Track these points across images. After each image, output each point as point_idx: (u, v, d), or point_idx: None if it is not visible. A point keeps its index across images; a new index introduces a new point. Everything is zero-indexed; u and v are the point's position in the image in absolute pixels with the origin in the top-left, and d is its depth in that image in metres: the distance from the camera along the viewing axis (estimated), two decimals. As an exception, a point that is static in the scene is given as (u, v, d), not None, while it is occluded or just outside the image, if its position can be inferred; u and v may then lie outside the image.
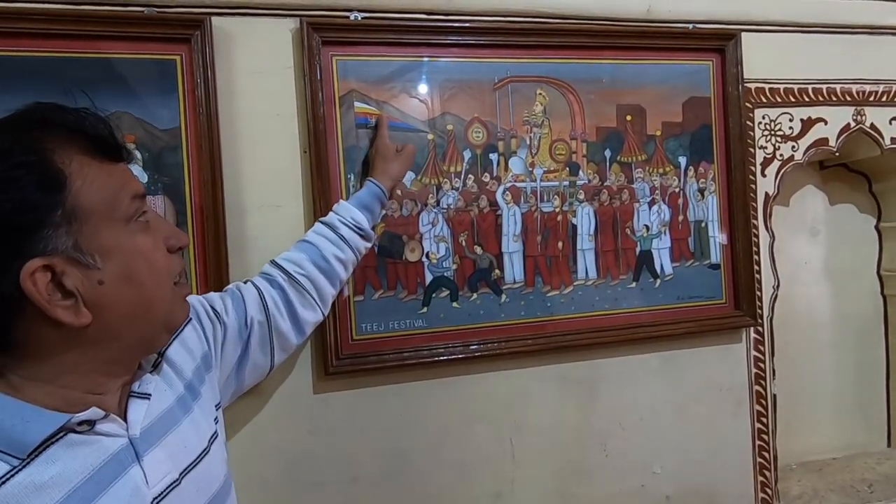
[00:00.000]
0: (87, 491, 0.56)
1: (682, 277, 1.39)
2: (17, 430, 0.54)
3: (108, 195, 0.57)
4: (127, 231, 0.58)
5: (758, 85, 1.44)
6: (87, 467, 0.57)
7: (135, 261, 0.58)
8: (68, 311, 0.55)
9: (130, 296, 0.58)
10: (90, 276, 0.56)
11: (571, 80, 1.31)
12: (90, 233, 0.56)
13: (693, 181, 1.40)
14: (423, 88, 1.23)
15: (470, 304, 1.27)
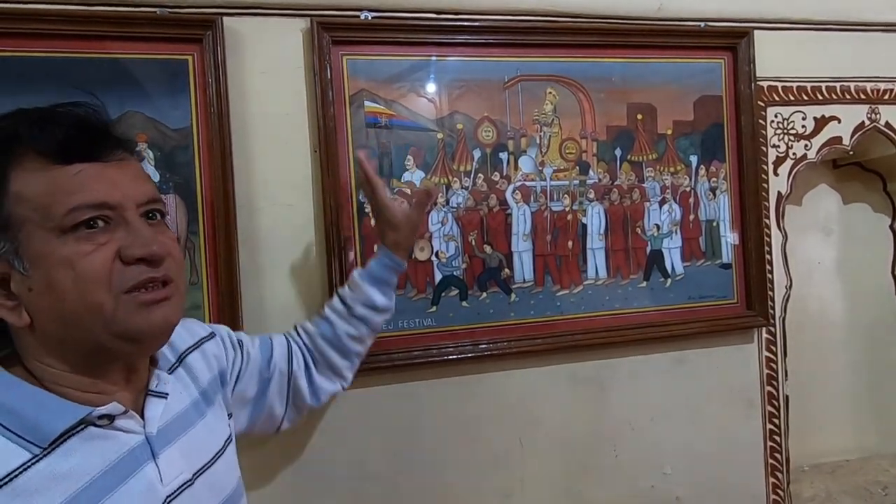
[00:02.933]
0: (104, 484, 0.57)
1: (693, 277, 1.38)
2: (40, 420, 0.55)
3: (44, 202, 0.55)
4: (56, 240, 0.55)
5: (770, 83, 1.43)
6: (105, 461, 0.58)
7: (59, 271, 0.55)
8: (11, 312, 0.56)
9: (53, 303, 0.56)
10: (23, 282, 0.56)
11: (581, 78, 1.31)
12: (24, 239, 0.55)
13: (704, 180, 1.39)
14: (432, 87, 1.23)
15: (479, 303, 1.27)
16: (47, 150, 0.56)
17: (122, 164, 0.61)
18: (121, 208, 0.58)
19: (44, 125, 0.57)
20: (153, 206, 0.62)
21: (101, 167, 0.58)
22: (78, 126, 0.59)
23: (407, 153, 1.22)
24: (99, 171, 0.58)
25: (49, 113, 0.59)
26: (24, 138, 0.56)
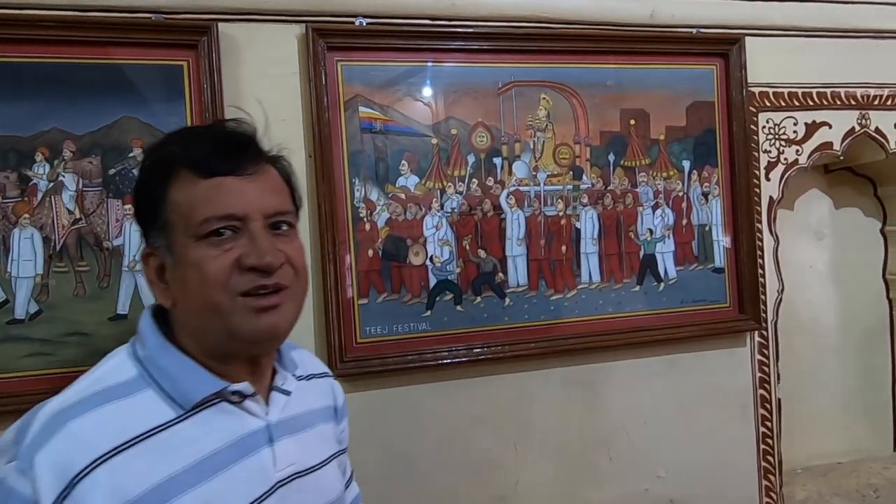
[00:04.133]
0: (226, 457, 0.64)
1: (686, 281, 1.39)
2: (187, 385, 0.63)
3: (188, 211, 0.64)
4: (192, 245, 0.63)
5: (762, 89, 1.44)
6: (231, 435, 0.65)
7: (190, 272, 0.63)
8: (162, 294, 0.66)
9: (186, 297, 0.65)
10: (171, 273, 0.65)
11: (575, 84, 1.32)
12: (173, 239, 0.64)
13: (697, 185, 1.40)
14: (427, 93, 1.24)
15: (474, 307, 1.27)
16: (193, 165, 0.64)
17: (257, 176, 0.66)
18: (247, 219, 0.64)
19: (193, 144, 0.66)
20: (279, 217, 0.67)
21: (236, 181, 0.65)
22: (220, 142, 0.66)
23: (402, 158, 1.23)
24: (233, 184, 0.64)
25: (201, 132, 0.70)
26: (178, 155, 0.65)
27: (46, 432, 0.57)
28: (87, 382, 0.63)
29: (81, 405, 0.59)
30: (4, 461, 0.56)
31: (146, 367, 0.64)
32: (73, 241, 1.10)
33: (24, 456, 0.55)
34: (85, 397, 0.60)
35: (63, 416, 0.58)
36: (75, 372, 1.05)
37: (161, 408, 0.62)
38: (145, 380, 0.63)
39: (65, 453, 0.56)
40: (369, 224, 1.22)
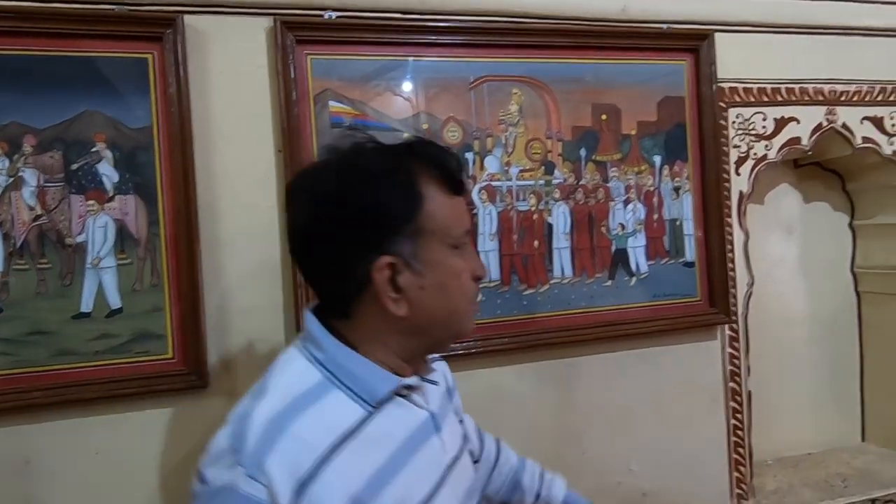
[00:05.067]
0: (409, 446, 0.69)
1: (658, 275, 1.40)
2: (373, 384, 0.68)
3: (447, 222, 0.69)
4: (451, 253, 0.70)
5: (731, 84, 1.46)
6: (409, 426, 0.71)
7: (451, 279, 0.70)
8: (394, 303, 0.67)
9: (439, 303, 0.69)
10: (415, 281, 0.67)
11: (547, 79, 1.32)
12: (426, 247, 0.68)
13: (668, 180, 1.41)
14: (398, 88, 1.24)
15: (446, 302, 1.27)
16: (446, 183, 0.70)
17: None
18: (469, 235, 0.74)
19: (443, 162, 0.71)
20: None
21: (462, 200, 0.73)
22: (458, 165, 0.73)
23: (372, 153, 1.22)
24: (462, 203, 0.73)
25: (438, 149, 0.73)
26: (433, 171, 0.69)
27: (270, 437, 0.59)
28: (280, 388, 0.65)
29: (293, 409, 0.63)
30: (225, 468, 0.58)
31: (329, 370, 0.67)
32: (34, 237, 1.07)
33: (252, 462, 0.57)
34: (291, 402, 0.63)
35: (282, 420, 0.61)
36: (40, 372, 1.06)
37: (352, 407, 0.66)
38: (331, 382, 0.67)
39: (293, 455, 0.59)
40: (340, 220, 1.20)
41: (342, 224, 0.67)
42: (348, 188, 0.67)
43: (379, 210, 0.66)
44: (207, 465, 0.60)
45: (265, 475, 0.56)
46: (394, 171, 0.68)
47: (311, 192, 0.70)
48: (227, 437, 0.61)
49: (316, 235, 0.69)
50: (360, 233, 0.66)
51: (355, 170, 0.68)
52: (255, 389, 0.67)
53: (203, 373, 1.12)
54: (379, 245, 0.66)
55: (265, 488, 0.56)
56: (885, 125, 1.59)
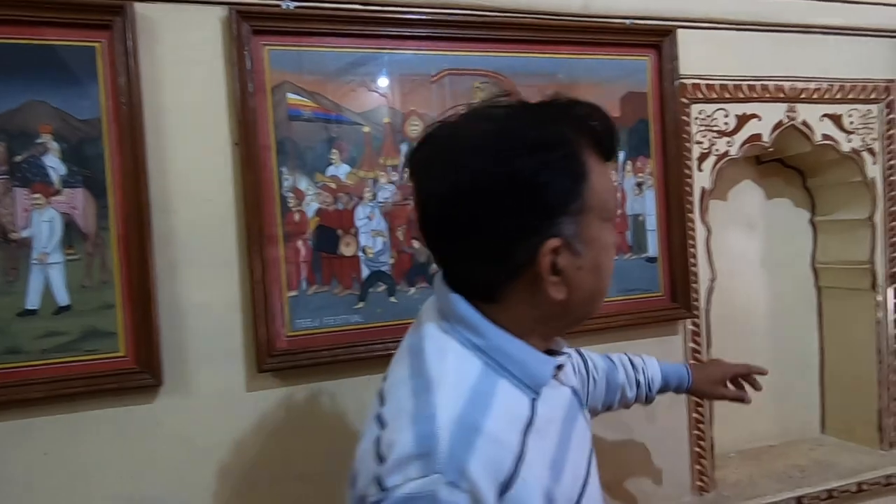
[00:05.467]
0: (566, 428, 0.68)
1: (621, 271, 1.41)
2: (536, 369, 0.64)
3: (605, 195, 0.63)
4: (605, 228, 0.64)
5: (694, 81, 1.47)
6: (563, 407, 0.70)
7: (605, 255, 0.65)
8: (554, 286, 0.62)
9: (592, 283, 0.64)
10: (574, 261, 0.62)
11: (510, 73, 1.31)
12: (586, 224, 0.62)
13: (631, 175, 1.41)
14: (359, 80, 1.22)
15: (408, 298, 1.26)
16: (602, 150, 0.64)
17: None
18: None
19: (601, 128, 0.63)
20: None
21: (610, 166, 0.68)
22: (613, 127, 0.66)
23: (332, 147, 1.20)
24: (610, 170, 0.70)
25: (601, 114, 0.64)
26: (591, 140, 0.63)
27: (465, 439, 0.54)
28: (450, 381, 0.60)
29: (477, 406, 0.58)
30: (416, 474, 0.52)
31: (491, 357, 0.62)
32: (-25, 232, 1.03)
33: (452, 467, 0.52)
34: (470, 396, 0.58)
35: (471, 419, 0.56)
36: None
37: (520, 395, 0.63)
38: (494, 370, 0.62)
39: (493, 457, 0.55)
40: (298, 214, 1.18)
41: (502, 203, 0.59)
42: (509, 161, 0.58)
43: (547, 188, 0.59)
44: (389, 472, 0.53)
45: (467, 481, 0.52)
46: (559, 141, 0.60)
47: (457, 163, 0.60)
48: (411, 441, 0.54)
49: (465, 214, 0.60)
50: (524, 213, 0.59)
51: (515, 139, 0.59)
52: (413, 382, 0.61)
53: (156, 371, 1.09)
54: (545, 227, 0.60)
55: (467, 495, 0.51)
56: (844, 123, 1.61)
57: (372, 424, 0.62)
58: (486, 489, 0.52)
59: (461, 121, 0.65)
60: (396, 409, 0.60)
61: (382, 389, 0.67)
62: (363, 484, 0.56)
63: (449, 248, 0.66)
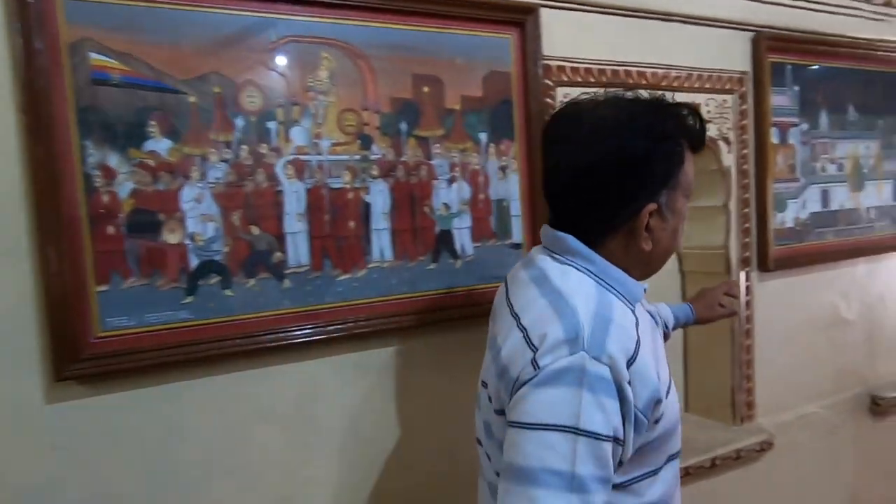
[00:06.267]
0: (654, 336, 0.89)
1: (484, 257, 1.35)
2: (633, 290, 0.84)
3: (691, 178, 0.85)
4: (685, 203, 0.86)
5: (559, 63, 1.43)
6: (649, 322, 0.91)
7: (681, 223, 0.86)
8: (644, 240, 0.82)
9: (669, 243, 0.86)
10: (661, 224, 0.83)
11: (361, 44, 1.20)
12: (674, 198, 0.83)
13: (494, 158, 1.36)
14: (182, 42, 1.06)
15: (247, 291, 1.13)
16: (694, 145, 0.85)
17: None
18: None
19: (699, 128, 0.85)
20: None
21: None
22: (705, 129, 0.88)
23: (149, 118, 1.04)
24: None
25: (699, 118, 0.86)
26: (689, 135, 0.84)
27: (602, 328, 0.73)
28: (580, 291, 0.78)
29: (605, 306, 0.77)
30: (566, 353, 0.70)
31: (601, 279, 0.81)
32: None
33: (595, 346, 0.71)
34: (599, 299, 0.78)
35: (604, 313, 0.75)
36: None
37: (623, 305, 0.81)
38: (605, 287, 0.81)
39: (622, 339, 0.74)
40: (108, 195, 1.02)
41: (627, 174, 0.79)
42: (637, 144, 0.79)
43: (659, 166, 0.80)
44: (543, 354, 0.71)
45: (607, 356, 0.70)
46: (670, 134, 0.81)
47: (593, 141, 0.80)
48: (560, 330, 0.72)
49: (595, 178, 0.80)
50: (640, 183, 0.80)
51: (642, 127, 0.80)
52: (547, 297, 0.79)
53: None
54: (649, 194, 0.80)
55: (607, 366, 0.70)
56: (702, 111, 1.65)
57: (511, 333, 0.79)
58: (620, 361, 0.71)
59: (593, 105, 0.84)
60: (538, 315, 0.77)
61: (514, 313, 0.82)
62: (517, 369, 0.74)
63: (572, 203, 0.85)
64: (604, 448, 0.68)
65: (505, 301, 0.89)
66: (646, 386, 0.74)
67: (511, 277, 0.94)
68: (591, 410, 0.68)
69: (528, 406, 0.70)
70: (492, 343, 0.89)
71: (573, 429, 0.67)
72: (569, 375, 0.69)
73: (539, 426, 0.68)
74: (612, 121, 0.81)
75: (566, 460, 0.66)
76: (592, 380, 0.69)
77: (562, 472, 0.66)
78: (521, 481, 0.68)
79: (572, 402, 0.68)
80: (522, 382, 0.72)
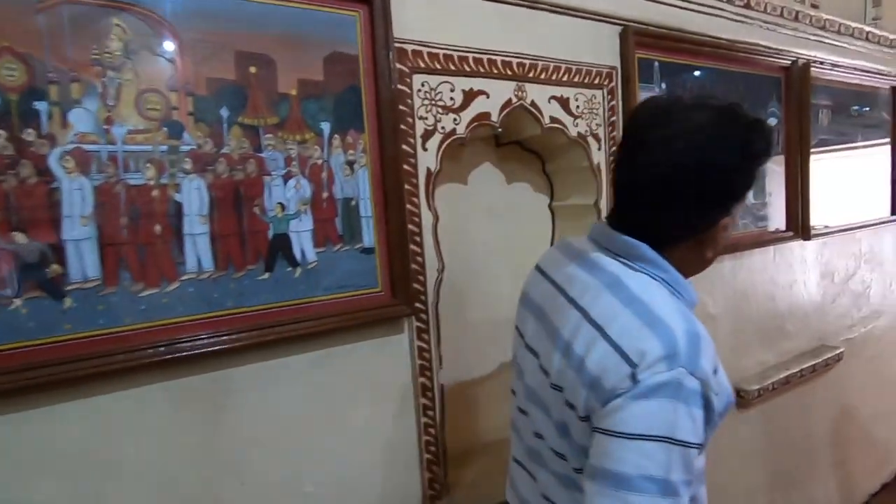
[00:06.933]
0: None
1: (330, 264, 1.19)
2: (692, 294, 0.89)
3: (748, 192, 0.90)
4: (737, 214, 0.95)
5: (415, 47, 1.30)
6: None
7: (728, 235, 0.90)
8: (710, 248, 0.90)
9: (720, 250, 0.91)
10: (724, 234, 0.89)
11: (165, 11, 1.00)
12: (737, 210, 0.89)
13: (340, 152, 1.20)
14: None
15: (11, 314, 0.90)
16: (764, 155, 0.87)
17: None
18: None
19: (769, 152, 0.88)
20: None
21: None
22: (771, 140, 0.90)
23: None
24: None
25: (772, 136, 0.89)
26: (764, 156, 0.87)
27: (695, 344, 0.77)
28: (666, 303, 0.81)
29: (691, 320, 0.80)
30: (664, 370, 0.74)
31: (671, 286, 0.85)
32: None
33: (690, 363, 0.75)
34: (683, 313, 0.81)
35: (693, 329, 0.79)
36: None
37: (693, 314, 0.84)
38: (676, 295, 0.85)
39: (710, 351, 0.79)
40: None
41: (719, 188, 0.83)
42: (734, 161, 0.82)
43: (744, 182, 0.85)
44: (643, 370, 0.74)
45: (700, 371, 0.75)
46: (760, 153, 0.84)
47: (690, 149, 0.80)
48: (659, 347, 0.75)
49: (686, 188, 0.81)
50: (727, 197, 0.85)
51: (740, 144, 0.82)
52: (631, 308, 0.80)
53: None
54: (726, 207, 0.85)
55: (699, 381, 0.75)
56: (571, 106, 1.59)
57: (595, 343, 0.79)
58: (710, 375, 0.77)
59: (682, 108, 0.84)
60: (627, 328, 0.78)
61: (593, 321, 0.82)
62: (612, 381, 0.75)
63: (653, 207, 0.85)
64: (691, 455, 0.74)
65: (562, 297, 0.91)
66: (723, 392, 0.81)
67: (560, 272, 0.96)
68: (685, 422, 0.73)
69: (626, 417, 0.74)
70: (554, 336, 0.89)
71: (669, 439, 0.73)
72: (667, 389, 0.73)
73: (637, 436, 0.73)
74: (710, 130, 0.82)
75: (662, 468, 0.72)
76: (688, 394, 0.74)
77: (657, 479, 0.72)
78: (619, 486, 0.73)
79: (669, 414, 0.73)
80: (618, 394, 0.75)
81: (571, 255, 0.96)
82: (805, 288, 2.45)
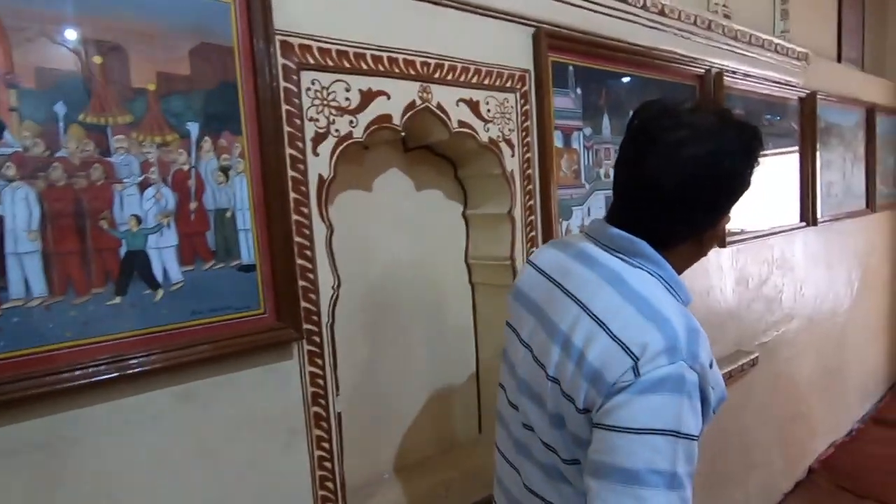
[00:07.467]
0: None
1: (200, 285, 1.04)
2: (686, 292, 0.90)
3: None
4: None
5: (303, 41, 1.17)
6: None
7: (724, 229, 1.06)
8: (708, 247, 0.95)
9: (708, 249, 0.96)
10: (716, 231, 0.92)
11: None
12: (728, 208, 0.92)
13: (211, 157, 1.05)
14: None
15: None
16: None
17: None
18: None
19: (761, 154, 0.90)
20: None
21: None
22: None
23: None
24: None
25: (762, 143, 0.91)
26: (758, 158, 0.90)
27: (694, 338, 0.80)
28: (664, 300, 0.84)
29: (688, 316, 0.83)
30: (665, 362, 0.76)
31: (668, 283, 0.88)
32: None
33: (690, 356, 0.78)
34: (680, 309, 0.84)
35: (692, 324, 0.82)
36: None
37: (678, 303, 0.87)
38: (672, 292, 0.87)
39: (706, 345, 0.82)
40: None
41: (725, 191, 0.87)
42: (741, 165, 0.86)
43: (744, 186, 0.88)
44: (644, 363, 0.76)
45: (698, 364, 0.78)
46: (757, 157, 0.88)
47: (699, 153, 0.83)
48: (661, 341, 0.77)
49: (696, 192, 0.84)
50: (726, 196, 0.88)
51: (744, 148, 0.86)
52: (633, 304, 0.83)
53: None
54: (729, 206, 0.90)
55: (698, 374, 0.78)
56: (481, 110, 1.50)
57: (596, 337, 0.81)
58: (707, 368, 0.81)
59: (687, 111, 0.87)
60: (629, 323, 0.81)
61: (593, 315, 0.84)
62: (614, 375, 0.77)
63: (659, 208, 0.87)
64: (694, 447, 0.77)
65: (559, 291, 0.92)
66: (718, 387, 0.84)
67: (556, 267, 0.97)
68: (689, 415, 0.76)
69: (632, 412, 0.75)
70: (551, 330, 0.90)
71: (675, 433, 0.74)
72: (670, 383, 0.75)
73: (645, 431, 0.74)
74: (717, 135, 0.84)
75: (669, 461, 0.74)
76: (690, 387, 0.76)
77: (665, 473, 0.74)
78: (628, 482, 0.74)
79: (675, 408, 0.75)
80: (621, 388, 0.76)
81: (568, 250, 0.98)
82: (721, 294, 2.48)
